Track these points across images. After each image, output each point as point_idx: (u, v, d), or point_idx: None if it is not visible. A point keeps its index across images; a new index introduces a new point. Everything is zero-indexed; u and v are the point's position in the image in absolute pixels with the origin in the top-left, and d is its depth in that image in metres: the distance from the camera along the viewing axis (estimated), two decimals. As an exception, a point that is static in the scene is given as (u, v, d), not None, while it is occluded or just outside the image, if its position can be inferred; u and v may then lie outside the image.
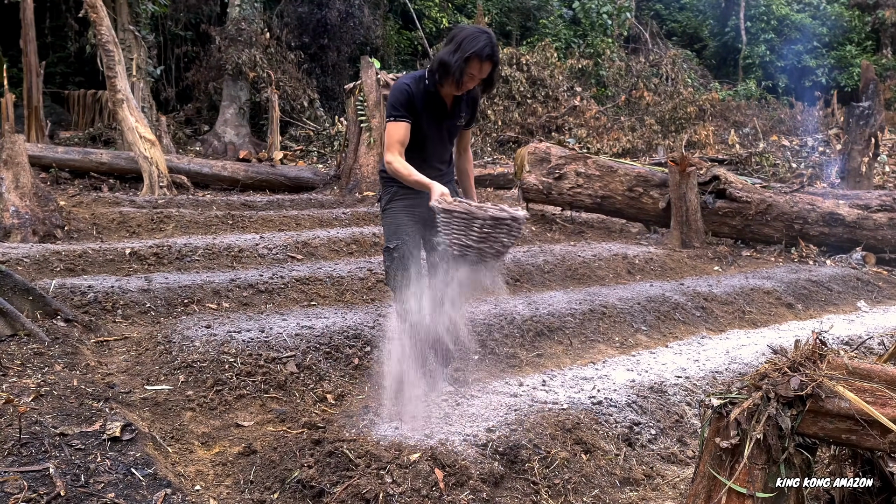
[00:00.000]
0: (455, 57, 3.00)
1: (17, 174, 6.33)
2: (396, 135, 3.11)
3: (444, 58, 3.03)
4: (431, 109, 3.19)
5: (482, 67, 3.05)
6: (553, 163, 8.96)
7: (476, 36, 3.03)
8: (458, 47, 3.02)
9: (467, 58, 2.99)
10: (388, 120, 3.14)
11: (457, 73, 3.01)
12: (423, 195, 3.24)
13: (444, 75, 3.06)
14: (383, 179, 3.34)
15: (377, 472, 2.36)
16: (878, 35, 23.48)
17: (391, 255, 3.24)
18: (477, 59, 3.01)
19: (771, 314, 5.67)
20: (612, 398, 3.12)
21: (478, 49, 2.99)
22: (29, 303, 3.70)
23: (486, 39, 3.03)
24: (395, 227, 3.27)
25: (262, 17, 15.48)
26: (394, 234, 3.26)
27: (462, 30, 3.12)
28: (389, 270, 3.27)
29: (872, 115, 10.68)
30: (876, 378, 1.76)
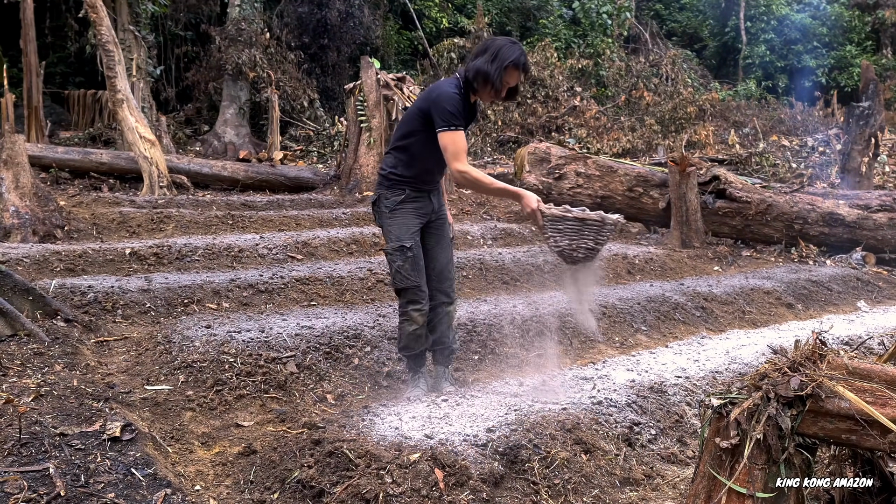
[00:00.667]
0: (494, 66, 3.10)
1: (17, 174, 6.33)
2: (463, 143, 3.14)
3: (484, 67, 3.12)
4: (465, 115, 3.26)
5: (516, 76, 3.18)
6: (553, 163, 8.96)
7: (511, 46, 3.17)
8: (494, 57, 3.12)
9: (506, 67, 3.11)
10: (450, 129, 3.11)
11: (497, 81, 3.12)
12: (427, 199, 3.34)
13: (483, 84, 3.15)
14: (391, 181, 3.32)
15: (377, 472, 2.35)
16: (878, 35, 23.47)
17: (405, 253, 3.26)
18: (514, 68, 3.14)
19: (771, 314, 5.67)
20: (612, 398, 3.12)
21: (515, 58, 3.13)
22: (29, 303, 3.70)
23: (521, 49, 3.18)
24: (408, 227, 3.29)
25: (262, 17, 15.47)
26: (407, 233, 3.28)
27: (495, 41, 3.24)
28: (402, 270, 3.27)
29: (872, 115, 10.67)
30: (876, 378, 1.76)
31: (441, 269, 3.44)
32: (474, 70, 3.16)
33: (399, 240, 3.28)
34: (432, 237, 3.44)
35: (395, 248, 3.28)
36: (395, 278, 3.32)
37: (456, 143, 3.11)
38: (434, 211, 3.42)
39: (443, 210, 3.49)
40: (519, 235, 8.03)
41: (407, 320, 3.33)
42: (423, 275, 3.34)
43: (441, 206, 3.49)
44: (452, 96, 3.15)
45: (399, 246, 3.27)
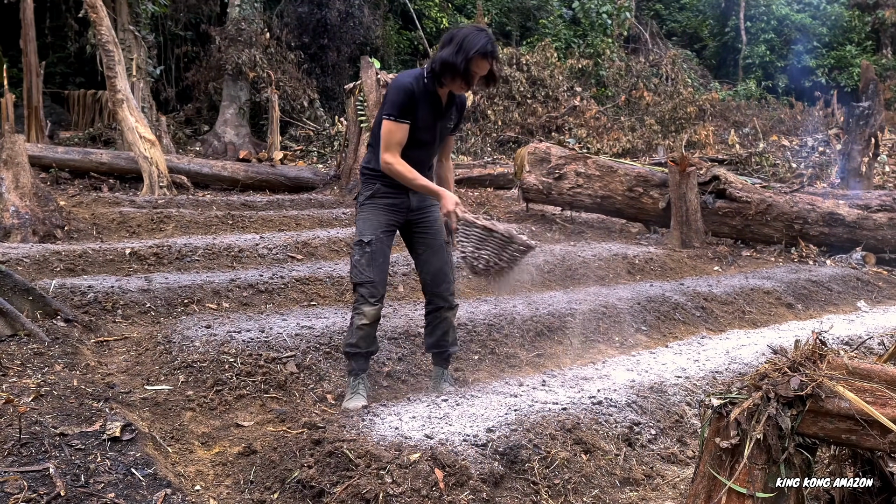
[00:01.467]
0: (459, 57, 3.03)
1: (17, 174, 6.33)
2: (396, 136, 3.10)
3: (449, 59, 3.05)
4: (429, 109, 3.18)
5: (485, 64, 3.08)
6: (553, 163, 8.96)
7: (476, 34, 3.07)
8: (459, 48, 3.04)
9: (470, 57, 3.02)
10: (388, 118, 3.09)
11: (464, 72, 3.04)
12: (403, 196, 3.26)
13: (450, 76, 3.08)
14: (365, 176, 3.30)
15: (377, 472, 2.35)
16: (878, 35, 23.48)
17: (363, 248, 3.22)
18: (480, 57, 3.05)
19: (771, 314, 5.67)
20: (612, 398, 3.12)
21: (480, 47, 3.03)
22: (29, 303, 3.70)
23: (486, 37, 3.07)
24: (373, 222, 3.24)
25: (262, 17, 15.47)
26: (369, 228, 3.24)
27: (460, 30, 3.15)
28: (357, 264, 3.23)
29: (872, 115, 10.67)
30: (876, 378, 1.76)
31: (435, 274, 3.37)
32: (440, 62, 3.09)
33: (360, 234, 3.25)
34: (420, 242, 3.37)
35: (356, 241, 3.26)
36: (352, 272, 3.28)
37: (391, 134, 3.09)
38: (413, 209, 3.31)
39: (429, 211, 3.36)
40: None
41: (357, 314, 3.26)
42: (382, 272, 3.27)
43: (425, 205, 3.36)
44: (401, 86, 3.11)
45: (359, 240, 3.24)
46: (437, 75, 3.12)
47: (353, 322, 3.29)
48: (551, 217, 9.15)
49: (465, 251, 3.05)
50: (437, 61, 3.11)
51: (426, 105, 3.16)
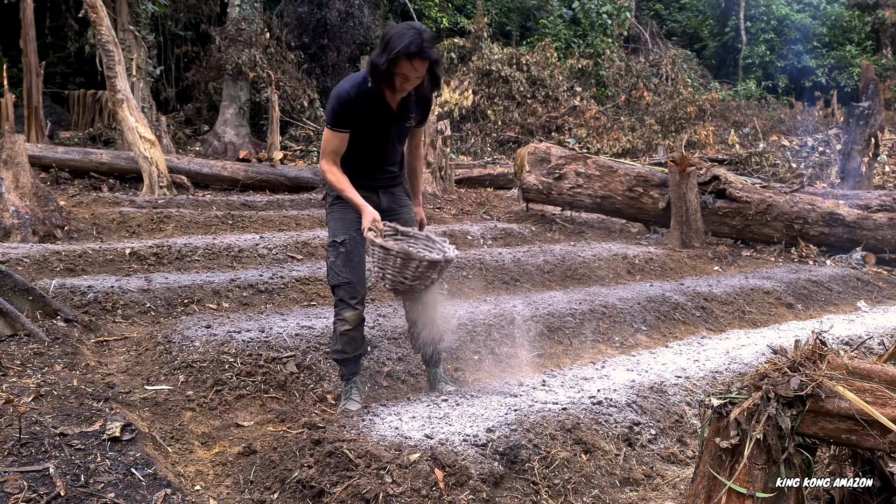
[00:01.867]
0: (382, 58, 2.83)
1: (17, 174, 6.33)
2: (331, 144, 3.04)
3: (374, 60, 2.87)
4: (376, 112, 3.03)
5: (414, 66, 2.84)
6: (553, 163, 8.96)
7: (402, 34, 2.82)
8: (384, 47, 2.84)
9: (393, 58, 2.80)
10: (327, 127, 3.04)
11: (385, 75, 2.85)
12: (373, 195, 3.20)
13: (375, 78, 2.90)
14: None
15: (377, 472, 2.35)
16: (878, 35, 23.48)
17: (337, 249, 3.14)
18: (405, 59, 2.81)
19: (771, 314, 5.67)
20: (612, 398, 3.12)
21: (402, 48, 2.78)
22: (29, 303, 3.70)
23: (413, 36, 2.80)
24: (344, 222, 3.15)
25: (262, 17, 15.47)
26: (342, 228, 3.15)
27: (391, 29, 2.93)
28: (333, 266, 3.15)
29: (872, 115, 10.67)
30: (876, 378, 1.76)
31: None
32: (370, 64, 2.91)
33: (334, 235, 3.17)
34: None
35: (329, 242, 3.19)
36: (328, 274, 3.20)
37: (327, 142, 3.04)
38: (384, 210, 3.19)
39: (401, 212, 3.29)
40: (519, 235, 8.03)
41: (339, 320, 3.17)
42: (359, 272, 3.18)
43: (396, 206, 3.29)
44: (337, 95, 2.99)
45: (331, 241, 3.17)
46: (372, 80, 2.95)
47: (336, 328, 3.21)
48: (551, 217, 9.15)
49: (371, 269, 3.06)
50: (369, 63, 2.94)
51: (370, 109, 3.01)
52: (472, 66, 16.58)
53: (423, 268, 2.96)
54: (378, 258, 2.97)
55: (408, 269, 2.95)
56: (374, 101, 3.00)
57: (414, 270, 2.95)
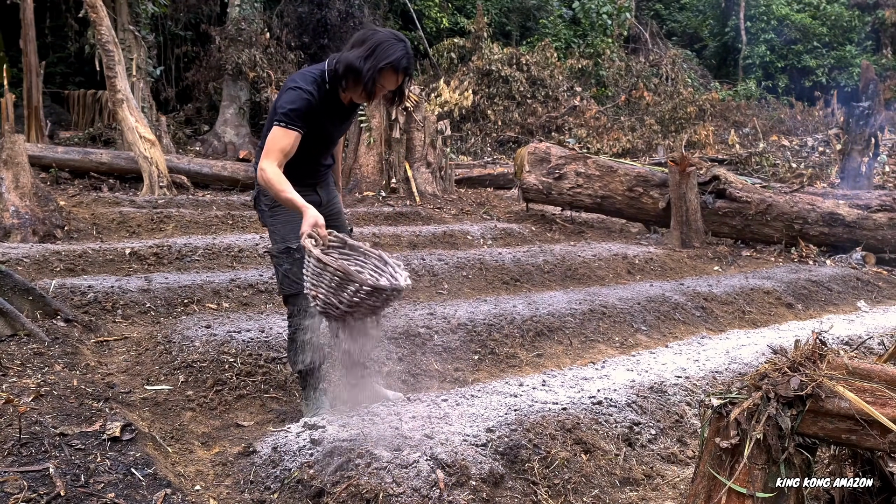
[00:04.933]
0: (368, 65, 2.70)
1: (17, 174, 6.33)
2: (282, 143, 2.74)
3: (356, 64, 2.71)
4: (332, 113, 2.91)
5: (396, 79, 2.78)
6: (553, 163, 8.96)
7: (392, 44, 2.72)
8: (370, 53, 2.70)
9: (381, 68, 2.71)
10: (279, 124, 2.74)
11: (369, 83, 2.72)
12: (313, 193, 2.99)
13: (353, 83, 2.77)
14: None
15: (377, 472, 2.35)
16: (878, 35, 23.49)
17: (292, 255, 2.87)
18: (392, 71, 2.74)
19: (771, 314, 5.67)
20: (612, 398, 3.12)
21: (394, 60, 2.71)
22: (29, 303, 3.70)
23: (403, 50, 2.74)
24: (294, 225, 2.78)
25: (262, 17, 15.47)
26: (292, 233, 2.83)
27: (375, 33, 2.78)
28: (290, 274, 2.88)
29: (872, 115, 10.68)
30: (876, 378, 1.77)
31: None
32: (345, 64, 2.73)
33: (284, 240, 2.90)
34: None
35: (280, 249, 2.92)
36: (283, 283, 2.93)
37: (276, 141, 2.74)
38: (322, 205, 3.00)
39: (334, 203, 3.16)
40: (519, 235, 8.03)
41: (299, 330, 2.94)
42: None
43: (331, 199, 3.15)
44: (300, 95, 2.76)
45: (285, 248, 2.90)
46: (338, 78, 2.79)
47: (295, 339, 2.97)
48: (551, 217, 9.15)
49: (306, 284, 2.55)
50: (341, 62, 2.76)
51: (326, 110, 2.87)
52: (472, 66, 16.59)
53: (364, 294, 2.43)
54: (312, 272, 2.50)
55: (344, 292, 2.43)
56: (331, 101, 2.87)
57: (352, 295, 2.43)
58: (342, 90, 2.83)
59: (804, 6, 23.52)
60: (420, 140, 10.16)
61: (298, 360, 3.01)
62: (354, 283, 2.42)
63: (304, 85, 2.78)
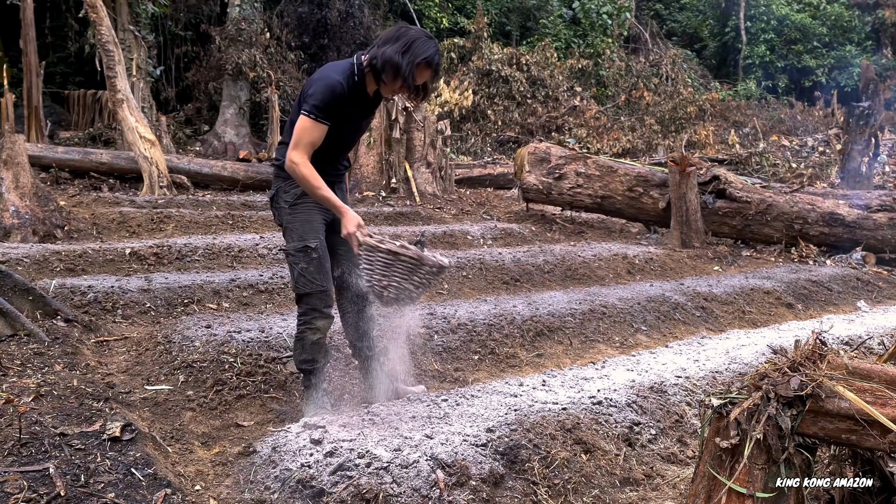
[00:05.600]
0: (406, 59, 2.80)
1: (17, 174, 6.33)
2: (312, 135, 2.81)
3: (395, 58, 2.80)
4: (358, 107, 2.96)
5: (427, 75, 2.91)
6: (553, 163, 8.96)
7: (426, 41, 2.86)
8: (407, 49, 2.81)
9: (419, 63, 2.82)
10: (308, 115, 2.79)
11: (409, 77, 2.82)
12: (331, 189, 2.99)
13: (392, 76, 2.84)
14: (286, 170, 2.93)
15: (377, 472, 2.36)
16: (878, 35, 23.50)
17: (309, 255, 2.92)
18: (426, 66, 2.86)
19: (771, 314, 5.67)
20: (612, 398, 3.12)
21: (429, 56, 2.83)
22: (29, 303, 3.70)
23: (435, 47, 2.88)
24: (312, 225, 2.94)
25: (262, 17, 15.48)
26: (311, 231, 2.94)
27: (409, 30, 2.91)
28: (305, 273, 2.93)
29: (872, 115, 10.68)
30: (876, 378, 1.77)
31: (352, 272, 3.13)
32: (384, 59, 2.81)
33: (302, 239, 2.93)
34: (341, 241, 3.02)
35: (297, 248, 2.94)
36: (298, 282, 2.96)
37: (305, 132, 2.79)
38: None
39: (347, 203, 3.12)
40: (519, 235, 8.03)
41: (310, 329, 2.99)
42: (330, 278, 3.01)
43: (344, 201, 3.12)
44: (330, 85, 2.82)
45: (302, 246, 2.93)
46: (377, 72, 2.86)
47: (304, 338, 3.01)
48: (551, 217, 9.15)
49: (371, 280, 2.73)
50: (379, 57, 2.83)
51: (354, 103, 2.93)
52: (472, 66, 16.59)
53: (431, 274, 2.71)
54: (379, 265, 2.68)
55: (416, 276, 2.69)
56: (359, 94, 2.93)
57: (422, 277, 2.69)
58: (377, 83, 2.92)
59: (804, 6, 23.53)
60: (420, 140, 10.17)
61: (304, 359, 3.04)
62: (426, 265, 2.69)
63: (333, 75, 2.86)
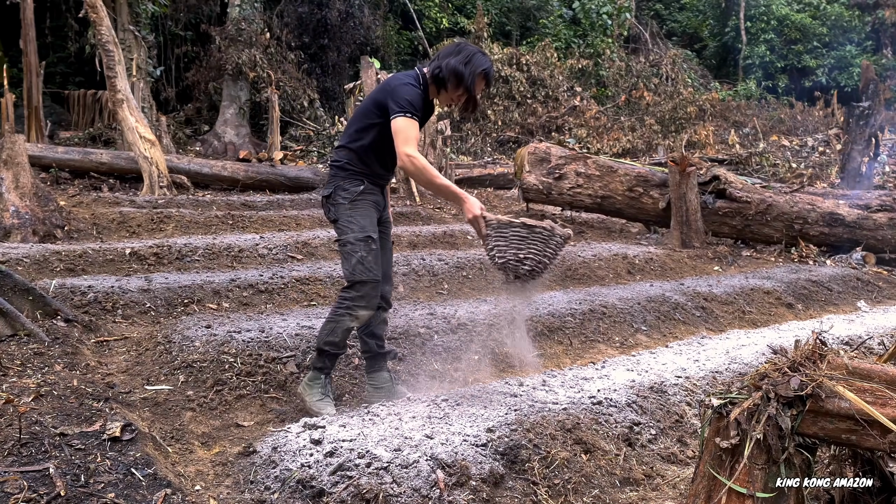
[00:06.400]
0: (468, 69, 3.09)
1: (17, 174, 6.33)
2: (415, 132, 3.05)
3: (459, 68, 3.09)
4: (423, 112, 3.20)
5: (482, 86, 3.19)
6: (553, 163, 8.96)
7: (482, 56, 3.16)
8: (468, 61, 3.10)
9: (478, 73, 3.11)
10: (406, 115, 3.02)
11: (471, 85, 3.10)
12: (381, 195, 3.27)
13: (455, 84, 3.12)
14: (348, 171, 3.18)
15: (377, 472, 2.36)
16: (878, 35, 23.49)
17: (370, 245, 3.13)
18: (483, 78, 3.15)
19: (771, 314, 5.67)
20: (612, 398, 3.12)
21: (487, 68, 3.14)
22: (29, 303, 3.70)
23: (490, 62, 3.19)
24: (371, 219, 3.18)
25: (262, 17, 15.48)
26: (371, 225, 3.17)
27: (467, 45, 3.22)
28: (365, 261, 3.11)
29: (872, 115, 10.68)
30: (876, 378, 1.76)
31: (385, 273, 3.33)
32: (449, 69, 3.10)
33: (364, 230, 3.13)
34: (381, 239, 3.29)
35: (360, 237, 3.12)
36: (356, 269, 3.11)
37: (408, 129, 3.01)
38: (384, 209, 3.35)
39: (388, 211, 3.42)
40: (519, 235, 8.02)
41: (350, 315, 3.12)
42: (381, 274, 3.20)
43: (387, 206, 3.41)
44: (413, 88, 3.10)
45: (366, 236, 3.12)
46: (441, 81, 3.13)
47: (340, 321, 3.14)
48: (551, 217, 9.15)
49: (504, 255, 2.89)
50: (444, 68, 3.11)
51: (422, 108, 3.19)
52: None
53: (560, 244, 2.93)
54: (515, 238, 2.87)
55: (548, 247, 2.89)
56: (425, 101, 3.21)
57: (553, 247, 2.90)
58: (437, 91, 3.20)
59: (804, 6, 23.52)
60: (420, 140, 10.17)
61: (331, 342, 3.17)
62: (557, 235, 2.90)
63: (414, 83, 3.15)
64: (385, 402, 3.08)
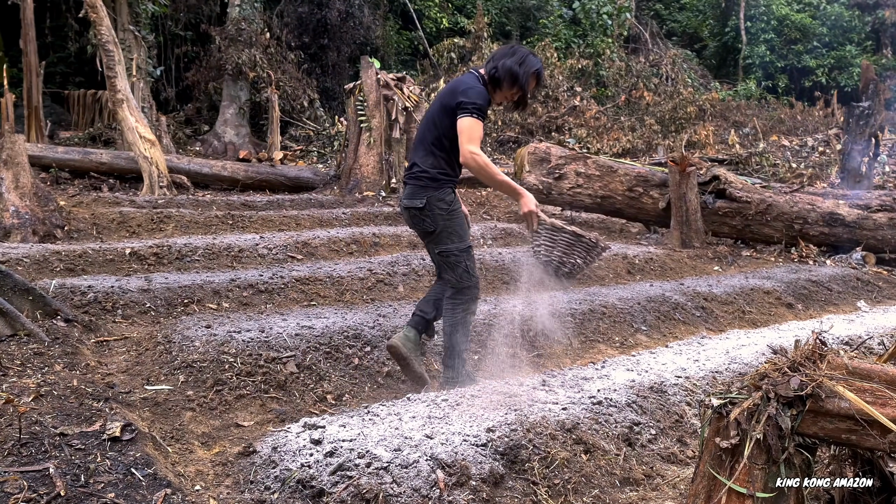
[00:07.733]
0: (523, 70, 3.26)
1: (17, 174, 6.33)
2: (480, 132, 3.22)
3: (515, 68, 3.26)
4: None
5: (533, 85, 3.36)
6: (553, 163, 8.96)
7: (533, 58, 3.34)
8: (522, 62, 3.28)
9: (531, 72, 3.29)
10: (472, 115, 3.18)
11: (525, 84, 3.28)
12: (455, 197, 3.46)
13: (510, 84, 3.29)
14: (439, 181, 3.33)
15: (377, 472, 2.35)
16: (878, 35, 23.50)
17: (470, 252, 3.39)
18: (535, 77, 3.33)
19: (771, 314, 5.67)
20: (612, 398, 3.12)
21: (539, 68, 3.33)
22: (29, 303, 3.70)
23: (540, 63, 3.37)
24: (464, 226, 3.41)
25: (262, 17, 15.47)
26: (466, 233, 3.40)
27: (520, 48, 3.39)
28: (469, 269, 3.39)
29: (872, 115, 10.68)
30: (876, 378, 1.76)
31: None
32: (505, 70, 3.27)
33: (464, 240, 3.37)
34: None
35: (463, 248, 3.36)
36: (462, 277, 3.39)
37: (473, 128, 3.18)
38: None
39: None
40: (519, 235, 8.03)
41: (470, 313, 3.44)
42: None
43: None
44: (482, 90, 3.26)
45: (467, 247, 3.38)
46: (497, 81, 3.29)
47: (466, 321, 3.44)
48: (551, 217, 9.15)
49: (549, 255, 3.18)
50: (501, 69, 3.28)
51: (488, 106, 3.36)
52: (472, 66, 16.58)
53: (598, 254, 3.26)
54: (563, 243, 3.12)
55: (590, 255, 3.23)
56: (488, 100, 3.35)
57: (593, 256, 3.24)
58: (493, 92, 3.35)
59: (804, 6, 23.52)
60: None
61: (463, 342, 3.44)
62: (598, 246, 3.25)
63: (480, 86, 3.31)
64: (385, 402, 3.08)
